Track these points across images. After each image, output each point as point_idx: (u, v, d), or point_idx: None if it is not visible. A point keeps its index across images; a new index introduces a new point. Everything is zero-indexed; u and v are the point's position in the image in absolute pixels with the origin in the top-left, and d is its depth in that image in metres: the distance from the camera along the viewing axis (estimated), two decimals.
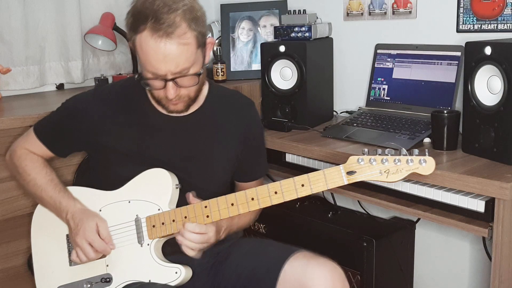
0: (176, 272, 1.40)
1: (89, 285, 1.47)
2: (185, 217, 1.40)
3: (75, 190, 1.53)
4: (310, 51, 2.06)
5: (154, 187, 1.44)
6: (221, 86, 1.63)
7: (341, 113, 2.30)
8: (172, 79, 1.35)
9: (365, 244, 1.93)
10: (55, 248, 1.54)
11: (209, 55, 1.46)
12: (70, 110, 1.57)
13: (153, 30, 1.29)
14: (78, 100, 1.61)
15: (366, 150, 1.31)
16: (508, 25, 1.84)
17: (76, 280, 1.48)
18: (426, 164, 1.27)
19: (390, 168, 1.27)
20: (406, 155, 1.28)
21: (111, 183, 1.49)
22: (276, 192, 1.35)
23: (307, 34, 2.10)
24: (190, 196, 1.42)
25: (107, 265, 1.46)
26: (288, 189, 1.34)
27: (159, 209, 1.43)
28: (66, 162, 1.76)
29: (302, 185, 1.33)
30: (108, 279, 1.45)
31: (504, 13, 1.85)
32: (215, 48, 2.61)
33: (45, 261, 1.55)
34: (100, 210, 1.48)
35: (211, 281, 1.52)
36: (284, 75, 2.12)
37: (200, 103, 1.53)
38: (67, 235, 1.53)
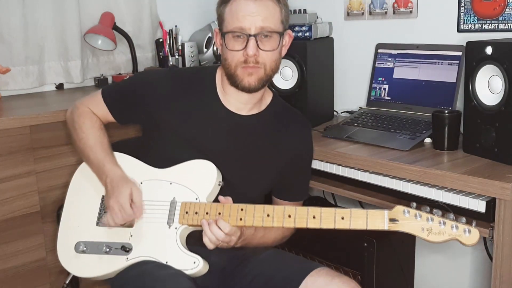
0: (194, 262, 1.42)
1: (107, 249, 1.48)
2: (219, 213, 1.41)
3: (124, 157, 1.57)
4: (310, 50, 2.06)
5: (198, 177, 1.48)
6: (283, 101, 1.67)
7: (341, 113, 2.29)
8: (255, 35, 1.41)
9: (365, 244, 1.93)
10: (88, 205, 1.57)
11: (285, 50, 1.55)
12: (142, 80, 1.63)
13: None
14: (152, 72, 1.76)
15: (414, 204, 1.30)
16: (509, 24, 1.84)
17: (97, 240, 1.50)
18: (469, 235, 1.26)
19: (433, 228, 1.27)
20: (453, 219, 1.27)
21: (158, 160, 1.52)
22: (314, 217, 1.35)
23: (307, 33, 2.10)
24: (222, 198, 1.44)
25: (131, 235, 1.48)
26: (327, 217, 1.34)
27: (196, 199, 1.46)
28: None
29: (342, 218, 1.33)
30: (128, 249, 1.47)
31: (505, 12, 1.84)
32: (215, 48, 2.61)
33: (74, 214, 1.58)
34: (141, 183, 1.52)
35: (220, 282, 1.53)
36: (284, 75, 2.11)
37: (261, 108, 1.57)
38: (103, 196, 1.56)
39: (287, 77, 2.11)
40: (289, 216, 1.36)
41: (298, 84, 2.07)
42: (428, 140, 1.79)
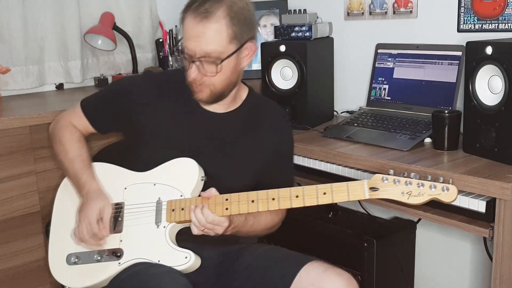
0: (186, 257, 1.43)
1: (99, 257, 1.49)
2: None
3: (105, 166, 1.58)
4: (310, 51, 2.06)
5: (181, 175, 1.49)
6: (260, 95, 1.70)
7: (341, 113, 2.29)
8: (199, 60, 1.41)
9: (365, 244, 1.93)
10: (73, 217, 1.57)
11: (248, 61, 1.50)
12: (117, 88, 1.65)
13: (193, 11, 1.40)
14: (127, 79, 1.81)
15: (392, 171, 1.33)
16: (509, 24, 1.84)
17: (87, 250, 1.51)
18: (448, 192, 1.28)
19: (413, 191, 1.29)
20: (431, 180, 1.30)
21: (141, 164, 1.53)
22: (297, 196, 1.37)
23: (307, 33, 2.10)
24: (204, 194, 1.45)
25: (121, 241, 1.49)
26: (309, 195, 1.36)
27: (181, 195, 1.47)
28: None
29: (324, 193, 1.36)
30: (119, 254, 1.47)
31: (505, 12, 1.84)
32: None
33: (62, 227, 1.59)
34: (125, 188, 1.53)
35: (217, 278, 1.54)
36: (284, 75, 2.11)
37: (237, 105, 1.58)
38: None
39: (287, 77, 2.11)
40: (273, 199, 1.39)
41: (298, 84, 2.07)
42: (428, 140, 1.79)
